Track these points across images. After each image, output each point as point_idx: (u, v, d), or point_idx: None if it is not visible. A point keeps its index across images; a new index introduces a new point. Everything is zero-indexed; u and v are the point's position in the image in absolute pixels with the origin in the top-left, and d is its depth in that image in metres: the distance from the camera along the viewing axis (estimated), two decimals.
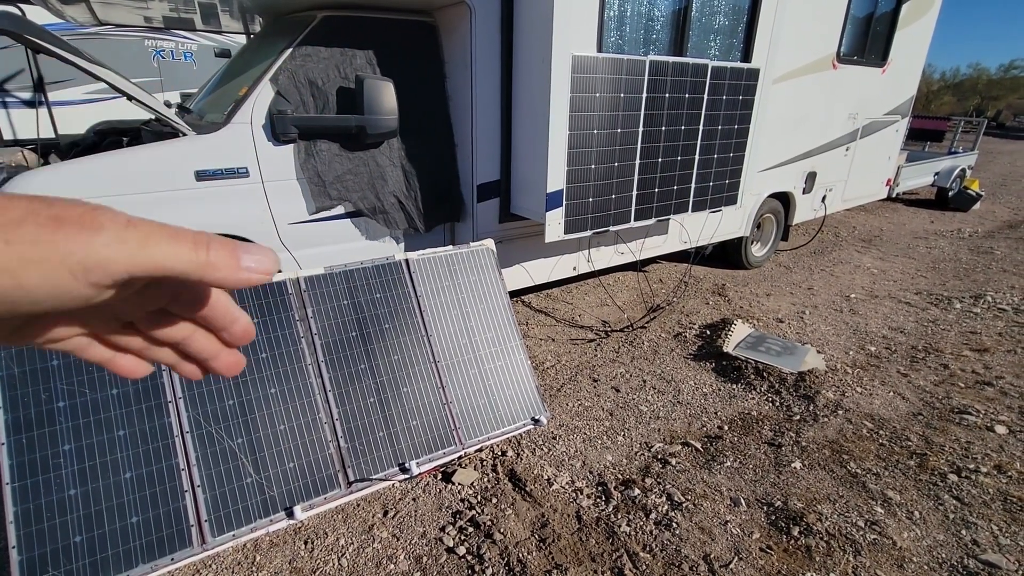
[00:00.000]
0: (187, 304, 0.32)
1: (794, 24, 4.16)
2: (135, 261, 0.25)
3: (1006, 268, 5.60)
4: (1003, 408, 3.01)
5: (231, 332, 0.35)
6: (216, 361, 0.36)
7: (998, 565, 2.01)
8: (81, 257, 0.24)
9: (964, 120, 11.69)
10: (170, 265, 0.26)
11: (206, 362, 0.36)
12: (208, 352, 0.35)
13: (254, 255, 0.29)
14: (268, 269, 0.30)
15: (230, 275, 0.28)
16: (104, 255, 0.24)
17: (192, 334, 0.34)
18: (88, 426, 1.89)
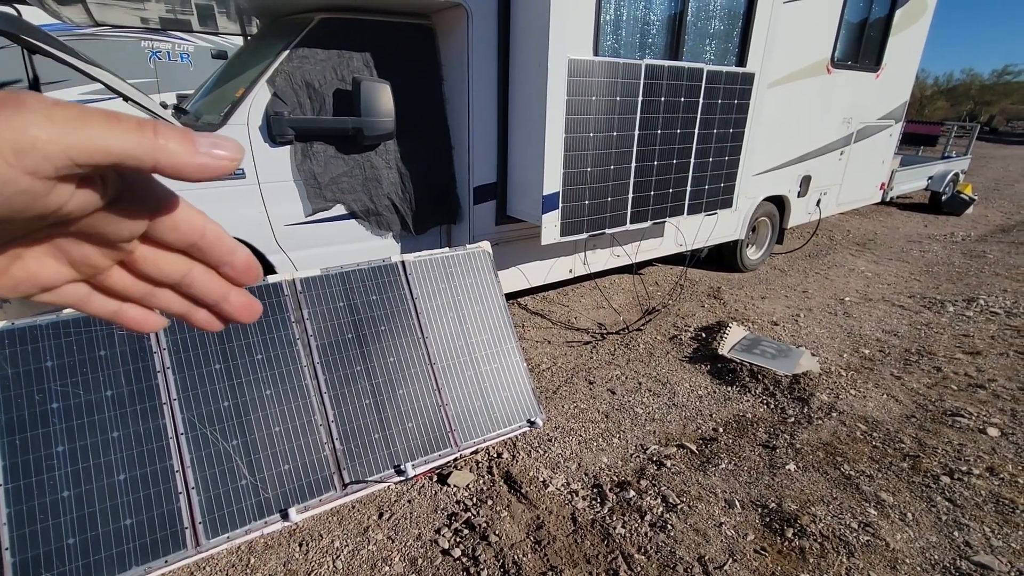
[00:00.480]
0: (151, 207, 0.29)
1: (789, 29, 4.19)
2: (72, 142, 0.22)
3: (999, 272, 5.64)
4: (995, 411, 3.03)
5: (232, 265, 0.33)
6: (227, 304, 0.34)
7: (990, 567, 2.02)
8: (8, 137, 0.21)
9: (957, 125, 11.79)
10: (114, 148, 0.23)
11: (217, 306, 0.34)
12: (215, 292, 0.33)
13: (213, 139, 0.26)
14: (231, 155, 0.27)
15: (187, 160, 0.25)
16: (33, 135, 0.22)
17: (190, 270, 0.32)
18: (82, 428, 1.88)
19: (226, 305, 0.34)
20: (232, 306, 0.34)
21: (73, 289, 0.30)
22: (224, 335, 2.17)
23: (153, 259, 0.31)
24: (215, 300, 0.34)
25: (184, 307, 0.34)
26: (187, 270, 0.32)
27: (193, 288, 0.33)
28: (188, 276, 0.32)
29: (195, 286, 0.33)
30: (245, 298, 0.35)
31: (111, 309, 0.32)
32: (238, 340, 2.19)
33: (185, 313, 0.34)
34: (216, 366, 2.13)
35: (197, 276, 0.32)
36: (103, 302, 0.32)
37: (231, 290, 0.34)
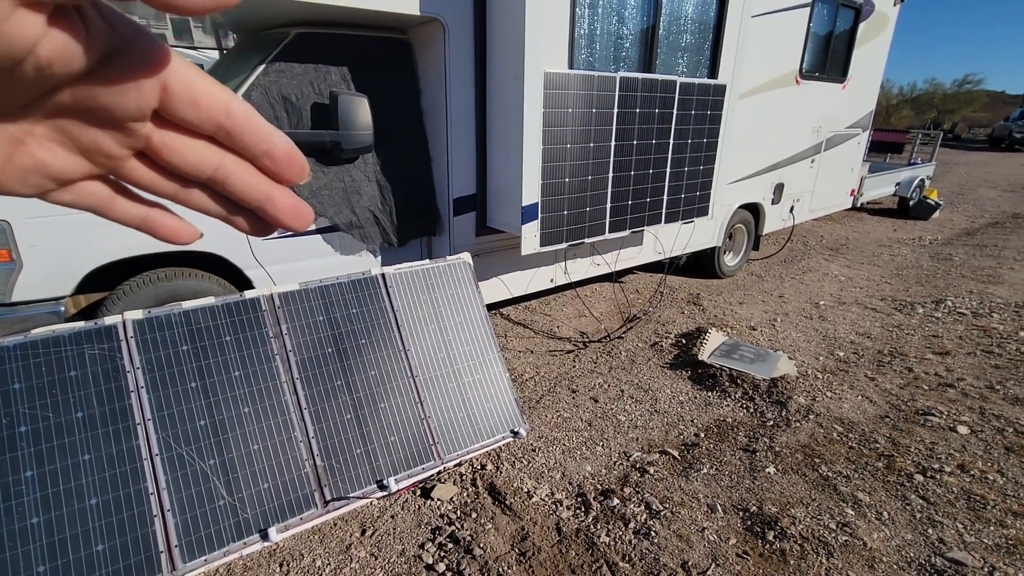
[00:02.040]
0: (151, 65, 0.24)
1: (758, 42, 4.32)
2: None
3: (964, 274, 5.84)
4: (964, 409, 3.12)
5: (272, 155, 0.28)
6: (271, 205, 0.30)
7: (964, 563, 2.07)
8: None
9: (922, 132, 12.22)
10: None
11: (261, 208, 0.30)
12: (255, 190, 0.29)
13: None
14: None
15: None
16: None
17: (221, 161, 0.28)
18: (51, 451, 1.82)
19: (270, 207, 0.30)
20: (278, 208, 0.30)
21: (93, 188, 0.27)
22: (200, 352, 2.13)
23: (176, 147, 0.27)
24: (257, 201, 0.29)
25: (221, 211, 0.30)
26: (218, 160, 0.28)
27: (229, 185, 0.28)
28: (221, 168, 0.28)
29: (231, 181, 0.28)
30: (292, 199, 0.30)
31: (138, 215, 0.29)
32: (215, 357, 2.16)
33: (224, 217, 0.30)
34: (192, 384, 2.09)
35: (232, 169, 0.28)
36: (128, 207, 0.29)
37: (275, 188, 0.30)
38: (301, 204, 0.31)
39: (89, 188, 0.27)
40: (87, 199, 0.28)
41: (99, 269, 2.51)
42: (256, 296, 2.32)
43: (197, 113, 0.26)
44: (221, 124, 0.27)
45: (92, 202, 0.28)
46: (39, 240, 2.36)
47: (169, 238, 0.30)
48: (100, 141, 0.25)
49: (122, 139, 0.26)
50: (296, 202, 0.31)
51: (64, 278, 2.47)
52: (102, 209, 0.28)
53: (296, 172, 0.29)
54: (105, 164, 0.27)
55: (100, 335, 1.99)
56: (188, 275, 2.74)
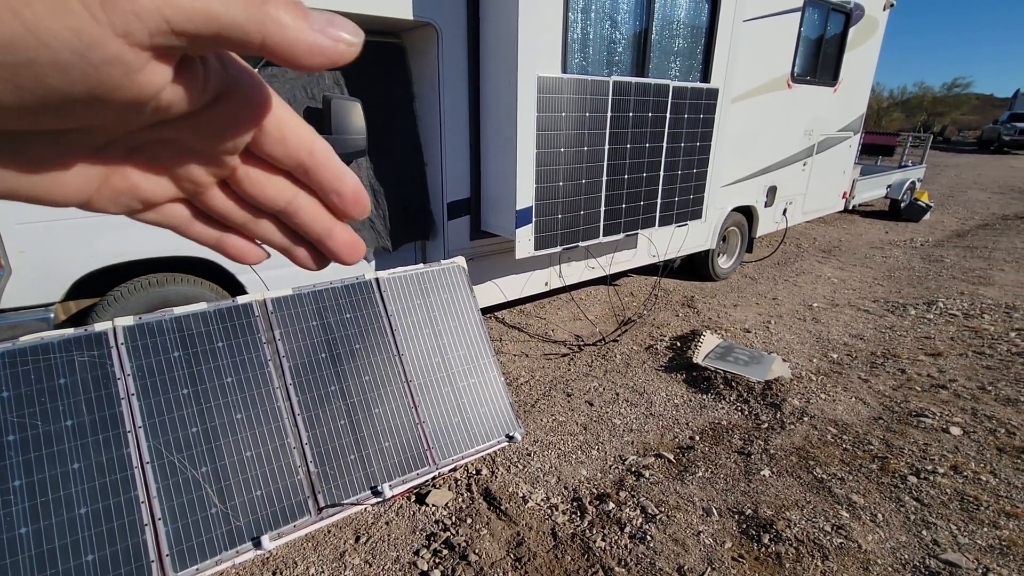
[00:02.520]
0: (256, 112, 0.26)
1: (750, 46, 4.35)
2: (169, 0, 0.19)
3: (955, 275, 5.89)
4: (957, 410, 3.14)
5: (340, 193, 0.30)
6: (331, 240, 0.32)
7: (958, 564, 2.08)
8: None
9: (912, 135, 12.33)
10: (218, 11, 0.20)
11: (321, 241, 0.32)
12: (319, 225, 0.31)
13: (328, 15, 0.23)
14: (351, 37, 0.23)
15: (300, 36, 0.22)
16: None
17: (295, 197, 0.30)
18: (40, 460, 1.80)
19: (330, 242, 0.32)
20: (336, 243, 0.32)
21: (175, 210, 0.29)
22: (192, 358, 2.11)
23: (257, 180, 0.29)
24: (319, 235, 0.31)
25: (284, 242, 0.32)
26: (292, 196, 0.30)
27: (297, 218, 0.30)
28: (293, 203, 0.30)
29: (299, 215, 0.30)
30: (349, 235, 0.32)
31: (213, 236, 0.31)
32: (206, 363, 2.14)
33: (286, 248, 0.32)
34: (184, 391, 2.07)
35: (303, 204, 0.30)
36: (205, 229, 0.30)
37: (336, 224, 0.31)
38: (357, 240, 0.33)
39: (173, 210, 0.29)
40: (170, 219, 0.29)
41: (89, 275, 2.49)
42: (249, 301, 2.30)
43: (284, 150, 0.28)
44: (303, 162, 0.28)
45: (174, 223, 0.29)
46: (27, 246, 2.33)
47: (239, 258, 0.32)
48: (191, 170, 0.27)
49: (212, 169, 0.27)
50: (353, 238, 0.32)
51: (53, 284, 2.44)
52: (181, 229, 0.30)
53: (360, 210, 0.31)
54: (190, 190, 0.28)
55: (90, 342, 1.97)
56: (179, 280, 2.72)
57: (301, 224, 0.31)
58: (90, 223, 2.43)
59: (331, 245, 0.32)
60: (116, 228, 2.48)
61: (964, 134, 33.47)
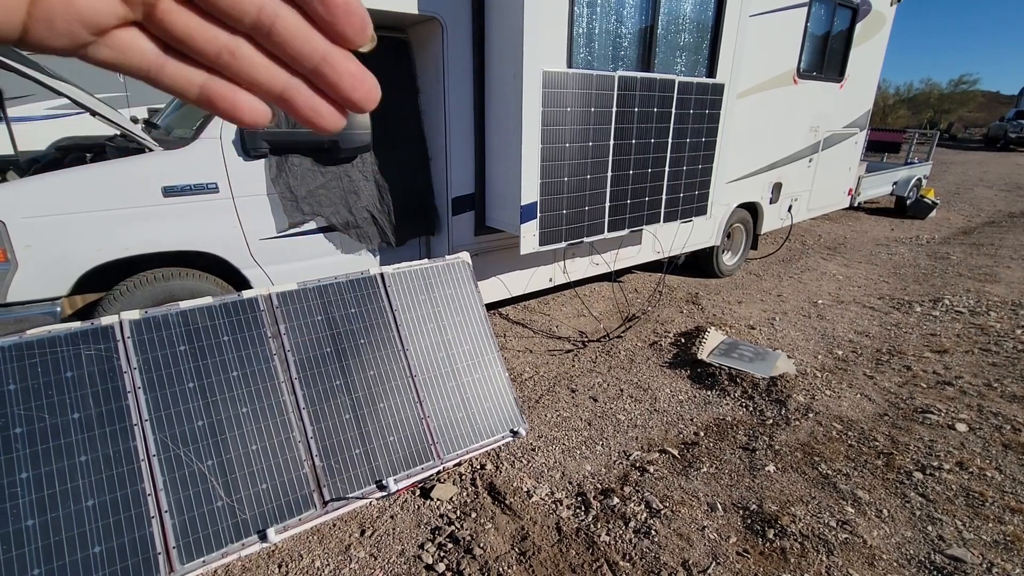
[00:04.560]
0: None
1: (756, 41, 4.32)
2: None
3: (961, 272, 5.85)
4: (963, 407, 3.13)
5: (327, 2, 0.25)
6: (329, 68, 0.26)
7: (963, 559, 2.07)
8: None
9: (919, 132, 12.25)
10: None
11: (318, 72, 0.26)
12: (309, 47, 0.26)
13: None
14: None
15: None
16: None
17: (266, 1, 0.25)
18: (47, 452, 1.81)
19: (328, 70, 0.26)
20: (336, 72, 0.26)
21: (136, 42, 0.25)
22: (198, 352, 2.12)
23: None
24: (311, 59, 0.26)
25: (277, 76, 0.26)
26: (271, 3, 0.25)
27: (276, 32, 0.25)
28: (267, 9, 0.25)
29: (278, 29, 0.25)
30: (353, 64, 0.27)
31: (196, 81, 0.26)
32: (212, 357, 2.14)
33: (283, 89, 0.27)
34: (190, 384, 2.07)
35: (279, 11, 0.25)
36: (182, 70, 0.26)
37: (332, 48, 0.26)
38: (365, 72, 0.27)
39: (131, 41, 0.25)
40: (131, 57, 0.25)
41: (95, 269, 2.49)
42: (254, 296, 2.30)
43: None
44: None
45: (137, 60, 0.25)
46: (34, 240, 2.34)
47: (231, 111, 0.27)
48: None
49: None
50: (358, 68, 0.27)
51: (60, 278, 2.45)
52: (152, 72, 0.25)
53: (355, 27, 0.26)
54: (141, 3, 0.24)
55: (96, 335, 1.97)
56: (185, 275, 2.73)
57: (284, 43, 0.26)
58: (97, 218, 2.43)
59: (330, 75, 0.26)
60: (122, 223, 2.49)
61: (971, 131, 33.24)
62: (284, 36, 0.25)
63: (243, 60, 0.26)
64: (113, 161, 2.51)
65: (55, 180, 2.39)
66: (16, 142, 3.68)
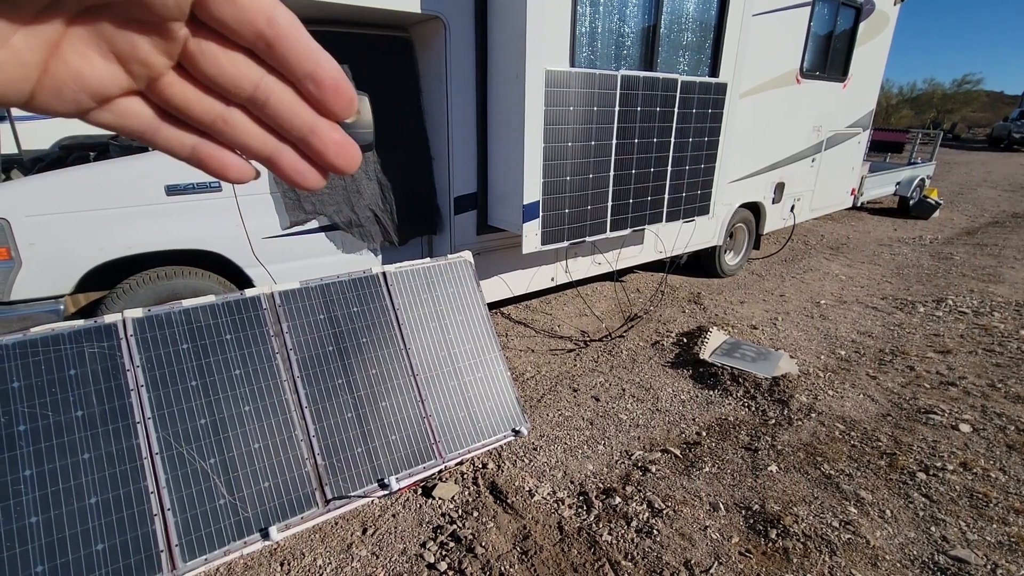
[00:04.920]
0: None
1: (759, 41, 4.31)
2: None
3: (965, 273, 5.83)
4: (966, 407, 3.12)
5: (316, 78, 0.27)
6: (315, 138, 0.29)
7: (967, 560, 2.07)
8: None
9: (922, 132, 12.21)
10: None
11: (305, 140, 0.29)
12: (299, 120, 0.28)
13: None
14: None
15: None
16: None
17: (262, 79, 0.27)
18: (51, 450, 1.81)
19: (315, 140, 0.29)
20: (323, 142, 0.29)
21: (135, 108, 0.27)
22: (200, 350, 2.12)
23: (213, 55, 0.26)
24: (300, 131, 0.28)
25: (266, 142, 0.29)
26: (258, 76, 0.27)
27: (270, 107, 0.27)
28: (262, 87, 0.27)
29: (272, 104, 0.27)
30: (338, 133, 0.29)
31: (188, 143, 0.28)
32: (215, 355, 2.15)
33: (269, 152, 0.29)
34: (192, 383, 2.08)
35: (274, 87, 0.27)
36: (176, 133, 0.28)
37: (319, 120, 0.28)
38: (348, 141, 0.30)
39: (131, 107, 0.26)
40: (130, 120, 0.27)
41: (98, 268, 2.50)
42: (256, 294, 2.31)
43: (235, 14, 0.25)
44: (262, 32, 0.25)
45: (136, 124, 0.27)
46: (38, 238, 2.35)
47: (220, 171, 0.29)
48: (137, 45, 0.25)
49: (159, 43, 0.25)
50: (342, 138, 0.29)
51: (63, 277, 2.45)
52: (148, 134, 0.27)
53: (343, 104, 0.28)
54: (142, 75, 0.26)
55: (100, 333, 1.98)
56: (188, 274, 2.73)
57: (276, 116, 0.28)
58: (100, 217, 2.44)
59: (316, 144, 0.29)
60: (125, 222, 2.49)
61: (974, 131, 33.13)
62: (276, 110, 0.28)
63: (236, 127, 0.28)
64: (116, 160, 2.52)
65: (59, 179, 2.40)
66: (20, 141, 3.69)
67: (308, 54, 0.26)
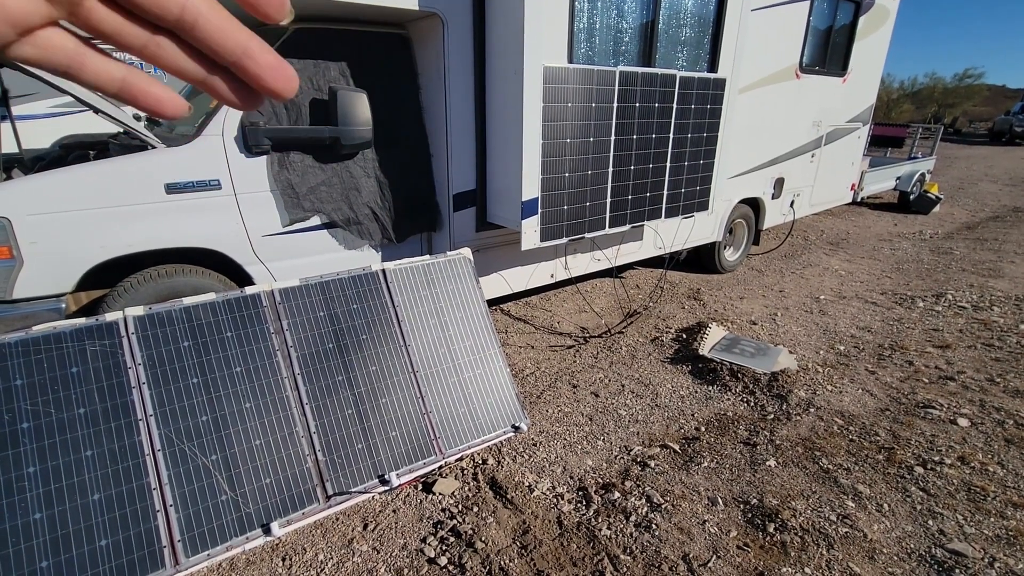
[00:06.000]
0: None
1: (758, 36, 4.30)
2: None
3: (965, 267, 5.83)
4: (965, 402, 3.13)
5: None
6: (250, 59, 0.27)
7: (964, 553, 2.08)
8: None
9: (922, 127, 12.18)
10: None
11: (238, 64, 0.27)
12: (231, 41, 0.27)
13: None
14: None
15: None
16: None
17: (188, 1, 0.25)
18: (54, 447, 1.83)
19: (248, 63, 0.27)
20: (257, 63, 0.27)
21: (57, 39, 0.25)
22: (201, 348, 2.14)
23: None
24: (232, 53, 0.27)
25: (197, 69, 0.27)
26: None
27: (199, 28, 0.26)
28: (189, 8, 0.26)
29: (200, 25, 0.26)
30: (272, 55, 0.28)
31: (116, 76, 0.27)
32: (216, 353, 2.16)
33: (200, 78, 0.28)
34: (193, 380, 2.09)
35: (203, 9, 0.26)
36: (103, 64, 0.26)
37: (252, 39, 0.27)
38: (283, 63, 0.28)
39: (53, 39, 0.25)
40: (54, 53, 0.25)
41: (99, 266, 2.51)
42: (257, 292, 2.32)
43: None
44: None
45: (59, 57, 0.25)
46: (39, 237, 2.36)
47: (153, 106, 0.28)
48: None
49: None
50: (276, 60, 0.28)
51: (64, 275, 2.47)
52: (73, 68, 0.26)
53: (275, 7, 0.27)
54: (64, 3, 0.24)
55: (101, 331, 1.99)
56: (188, 272, 2.74)
57: (206, 38, 0.26)
58: (101, 215, 2.45)
59: (250, 66, 0.27)
60: (126, 220, 2.50)
61: (975, 125, 32.98)
62: (206, 33, 0.26)
63: (167, 52, 0.27)
64: (116, 158, 2.52)
65: (59, 178, 2.40)
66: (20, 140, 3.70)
67: None
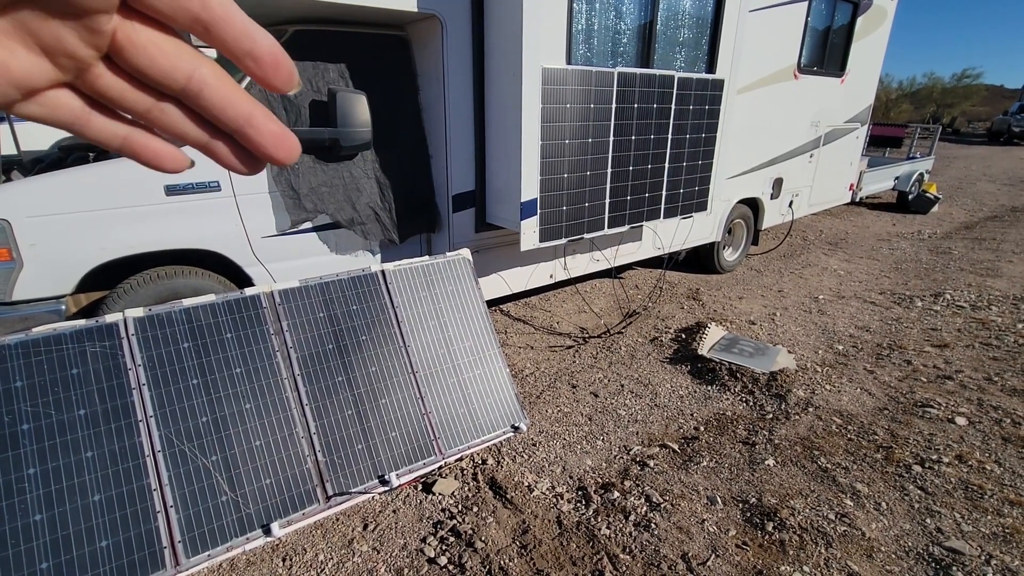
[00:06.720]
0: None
1: (756, 36, 4.32)
2: None
3: (963, 267, 5.84)
4: (963, 400, 3.13)
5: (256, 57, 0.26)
6: (252, 129, 0.28)
7: (961, 551, 2.09)
8: None
9: (921, 127, 12.20)
10: None
11: (241, 132, 0.28)
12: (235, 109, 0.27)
13: None
14: None
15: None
16: None
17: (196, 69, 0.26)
18: (54, 448, 1.83)
19: (251, 131, 0.28)
20: (260, 132, 0.28)
21: (64, 100, 0.26)
22: (201, 349, 2.14)
23: (144, 45, 0.25)
24: (236, 122, 0.27)
25: (200, 134, 0.28)
26: (192, 67, 0.26)
27: (204, 97, 0.26)
28: (196, 77, 0.26)
29: (206, 95, 0.26)
30: (275, 124, 0.28)
31: (119, 133, 0.27)
32: (216, 354, 2.17)
33: (203, 143, 0.28)
34: (194, 381, 2.10)
35: (208, 79, 0.26)
36: (107, 123, 0.27)
37: (256, 108, 0.28)
38: (286, 132, 0.29)
39: (59, 99, 0.26)
40: (59, 112, 0.26)
41: (99, 268, 2.52)
42: (256, 293, 2.32)
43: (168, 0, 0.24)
44: (197, 16, 0.24)
45: (65, 116, 0.26)
46: (39, 239, 2.36)
47: (153, 162, 0.28)
48: (63, 37, 0.24)
49: (86, 35, 0.24)
50: (280, 128, 0.29)
51: (64, 277, 2.47)
52: (78, 125, 0.26)
53: (283, 78, 0.27)
54: (70, 67, 0.25)
55: (101, 333, 2.00)
56: (188, 273, 2.75)
57: (211, 106, 0.27)
58: (100, 217, 2.45)
59: (253, 135, 0.28)
60: (125, 222, 2.51)
61: (974, 125, 33.03)
62: (211, 102, 0.27)
63: (171, 117, 0.27)
64: (115, 160, 2.53)
65: (59, 180, 2.41)
66: (19, 142, 3.71)
67: (245, 33, 0.26)
